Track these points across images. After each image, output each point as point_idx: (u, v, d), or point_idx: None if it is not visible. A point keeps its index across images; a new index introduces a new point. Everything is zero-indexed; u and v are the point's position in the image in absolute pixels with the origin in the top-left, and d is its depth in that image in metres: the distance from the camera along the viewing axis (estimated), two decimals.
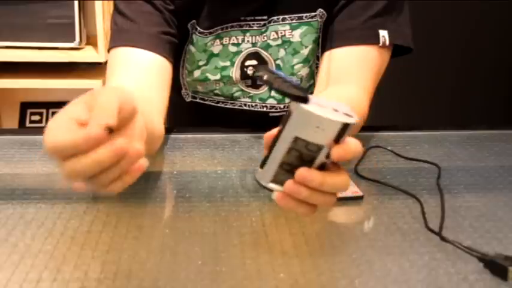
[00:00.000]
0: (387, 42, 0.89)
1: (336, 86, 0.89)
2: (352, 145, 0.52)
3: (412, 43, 0.93)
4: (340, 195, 0.74)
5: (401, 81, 2.34)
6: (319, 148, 0.53)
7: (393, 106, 2.32)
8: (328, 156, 0.53)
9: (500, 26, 2.46)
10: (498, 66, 2.52)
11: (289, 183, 0.53)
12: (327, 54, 0.92)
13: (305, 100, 0.52)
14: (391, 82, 1.34)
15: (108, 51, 0.91)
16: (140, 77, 0.84)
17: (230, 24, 0.93)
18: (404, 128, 1.00)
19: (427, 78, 2.50)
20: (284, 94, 0.52)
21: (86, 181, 0.50)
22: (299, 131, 0.52)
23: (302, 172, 0.52)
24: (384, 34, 0.89)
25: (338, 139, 0.52)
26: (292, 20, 0.93)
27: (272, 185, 0.55)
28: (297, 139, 0.53)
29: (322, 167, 0.54)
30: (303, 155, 0.53)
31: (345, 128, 0.52)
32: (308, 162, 0.53)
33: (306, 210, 0.55)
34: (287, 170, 0.54)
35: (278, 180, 0.55)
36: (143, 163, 0.50)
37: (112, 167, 0.49)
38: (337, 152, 0.52)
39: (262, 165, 0.55)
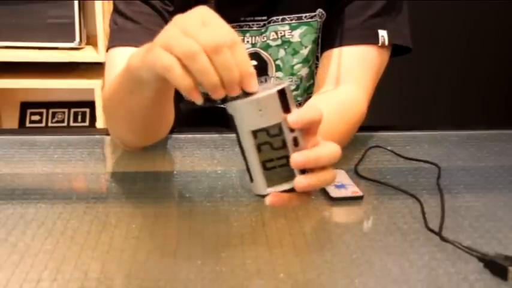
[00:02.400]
0: (386, 42, 0.89)
1: (336, 86, 0.89)
2: (304, 109, 0.53)
3: (411, 43, 0.93)
4: (340, 195, 0.74)
5: (401, 81, 2.33)
6: (279, 127, 0.52)
7: (393, 106, 2.32)
8: (292, 129, 0.52)
9: (500, 26, 2.46)
10: (498, 66, 2.52)
11: (298, 180, 0.52)
12: (326, 54, 0.92)
13: (235, 99, 0.52)
14: (391, 82, 1.34)
15: (107, 50, 0.91)
16: None
17: (230, 25, 0.93)
18: (404, 128, 1.00)
19: (427, 78, 2.50)
20: (212, 101, 0.53)
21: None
22: (250, 125, 0.52)
23: (296, 158, 0.52)
24: (383, 34, 0.89)
25: (287, 109, 0.52)
26: (291, 20, 0.93)
27: (271, 190, 0.53)
28: (254, 133, 0.52)
29: (297, 144, 0.53)
30: (273, 143, 0.52)
31: (283, 95, 0.52)
32: (282, 147, 0.52)
33: (299, 202, 0.54)
34: (272, 166, 0.53)
35: (273, 181, 0.53)
36: None
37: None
38: (291, 118, 0.52)
39: (250, 179, 0.55)
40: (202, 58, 0.51)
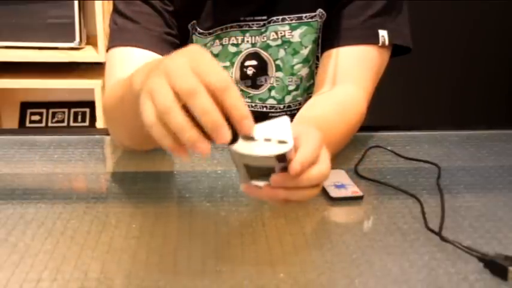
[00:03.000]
0: (387, 42, 0.89)
1: (336, 86, 0.89)
2: (305, 155, 0.55)
3: (411, 43, 0.93)
4: (340, 195, 0.74)
5: (401, 81, 2.33)
6: (271, 168, 0.55)
7: (393, 106, 2.32)
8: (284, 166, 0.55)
9: (500, 26, 2.45)
10: (498, 66, 2.52)
11: (265, 189, 0.57)
12: (326, 54, 0.92)
13: (233, 140, 0.53)
14: (391, 82, 1.34)
15: (107, 50, 0.91)
16: None
17: (230, 25, 0.93)
18: (404, 128, 1.00)
19: (427, 78, 2.50)
20: (210, 140, 0.53)
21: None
22: (243, 161, 0.55)
23: (277, 180, 0.55)
24: (383, 34, 0.89)
25: (281, 161, 0.54)
26: (291, 20, 0.93)
27: (256, 182, 0.57)
28: (247, 166, 0.55)
29: (285, 170, 0.55)
30: (262, 170, 0.55)
31: (282, 157, 0.53)
32: (270, 172, 0.55)
33: (272, 199, 0.59)
34: (257, 174, 0.57)
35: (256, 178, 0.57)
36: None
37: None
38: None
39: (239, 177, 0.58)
40: (175, 114, 0.49)
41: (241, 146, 0.53)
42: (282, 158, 0.54)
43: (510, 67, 2.53)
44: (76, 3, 1.90)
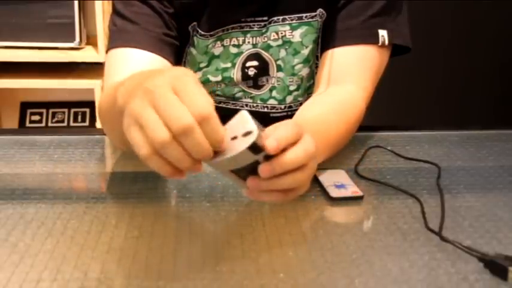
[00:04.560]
0: (386, 42, 0.89)
1: (335, 86, 0.89)
2: (280, 134, 0.55)
3: (411, 43, 0.93)
4: (340, 195, 0.74)
5: (401, 81, 2.33)
6: (255, 162, 0.55)
7: (393, 106, 2.32)
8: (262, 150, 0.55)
9: (500, 26, 2.45)
10: (498, 66, 2.51)
11: (249, 182, 0.57)
12: (326, 53, 0.92)
13: None
14: (391, 82, 1.34)
15: (106, 52, 0.91)
16: None
17: (231, 26, 0.93)
18: (404, 128, 1.00)
19: (427, 78, 2.50)
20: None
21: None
22: (224, 168, 0.56)
23: (263, 169, 0.55)
24: (383, 34, 0.89)
25: (259, 149, 0.54)
26: (292, 20, 0.93)
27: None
28: (232, 171, 0.56)
29: (268, 159, 0.55)
30: (247, 168, 0.55)
31: (253, 147, 0.53)
32: (255, 166, 0.55)
33: (272, 198, 0.58)
34: (248, 174, 0.57)
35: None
36: None
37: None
38: (272, 149, 0.54)
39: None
40: (173, 149, 0.51)
41: (216, 156, 0.54)
42: (257, 148, 0.53)
43: (510, 67, 2.52)
44: (76, 3, 1.90)
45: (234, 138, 0.54)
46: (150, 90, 0.51)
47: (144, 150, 0.52)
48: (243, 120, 0.55)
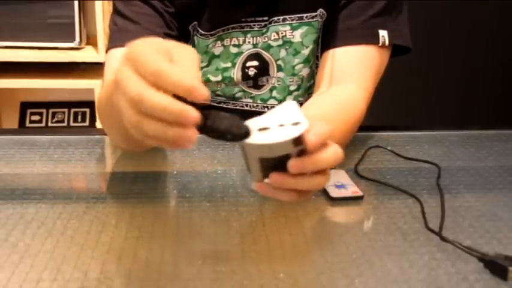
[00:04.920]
0: (387, 42, 0.89)
1: (336, 86, 0.89)
2: (319, 131, 0.53)
3: (411, 43, 0.93)
4: (340, 195, 0.74)
5: (402, 81, 2.33)
6: (287, 155, 0.53)
7: (393, 106, 2.32)
8: (302, 150, 0.53)
9: (500, 25, 2.45)
10: (498, 66, 2.52)
11: (272, 176, 0.54)
12: (326, 53, 0.92)
13: (246, 135, 0.52)
14: (391, 82, 1.34)
15: (106, 51, 0.91)
16: None
17: (231, 26, 0.93)
18: (404, 128, 1.00)
19: (427, 78, 2.50)
20: (224, 139, 0.51)
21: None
22: (259, 155, 0.53)
23: (294, 164, 0.53)
24: (383, 34, 0.89)
25: (299, 144, 0.52)
26: (292, 20, 0.93)
27: (266, 180, 0.56)
28: (261, 159, 0.53)
29: (300, 155, 0.54)
30: (277, 160, 0.53)
31: (298, 138, 0.52)
32: (286, 160, 0.53)
33: (286, 197, 0.56)
34: (271, 168, 0.54)
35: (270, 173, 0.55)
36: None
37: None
38: (312, 144, 0.52)
39: (248, 169, 0.56)
40: (151, 93, 0.48)
41: (257, 138, 0.52)
42: (299, 141, 0.52)
43: (510, 67, 2.53)
44: (76, 3, 1.90)
45: (281, 125, 0.52)
46: (128, 55, 0.51)
47: (127, 114, 0.49)
48: (292, 110, 0.54)
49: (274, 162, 0.54)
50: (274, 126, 0.53)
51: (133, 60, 0.50)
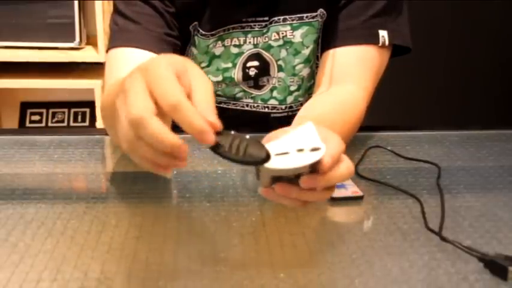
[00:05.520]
0: (387, 42, 0.89)
1: (336, 86, 0.89)
2: (334, 151, 0.55)
3: (411, 43, 0.93)
4: (340, 195, 0.74)
5: (401, 81, 2.33)
6: (300, 174, 0.54)
7: (393, 106, 2.32)
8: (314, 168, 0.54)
9: (500, 25, 2.45)
10: (498, 66, 2.52)
11: (279, 187, 0.55)
12: (326, 53, 0.92)
13: (266, 159, 0.52)
14: (391, 82, 1.34)
15: (107, 51, 0.91)
16: None
17: (232, 26, 0.93)
18: (404, 128, 1.00)
19: (427, 78, 2.50)
20: (244, 164, 0.52)
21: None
22: (273, 174, 0.54)
23: (306, 181, 0.54)
24: (383, 34, 0.89)
25: (315, 167, 0.53)
26: (293, 20, 0.93)
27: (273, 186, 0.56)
28: (275, 177, 0.54)
29: (312, 172, 0.54)
30: (289, 177, 0.54)
31: (315, 164, 0.52)
32: (297, 178, 0.54)
33: (292, 204, 0.57)
34: (281, 179, 0.56)
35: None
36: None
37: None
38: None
39: (257, 176, 0.57)
40: (139, 147, 0.49)
41: (275, 163, 0.52)
42: (315, 165, 0.53)
43: (510, 67, 2.53)
44: (76, 3, 1.90)
45: (300, 150, 0.53)
46: (146, 68, 0.50)
47: (125, 131, 0.50)
48: (310, 133, 0.55)
49: (286, 178, 0.55)
50: (292, 151, 0.54)
51: (150, 76, 0.49)
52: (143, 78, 0.50)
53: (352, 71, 0.89)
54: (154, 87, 0.49)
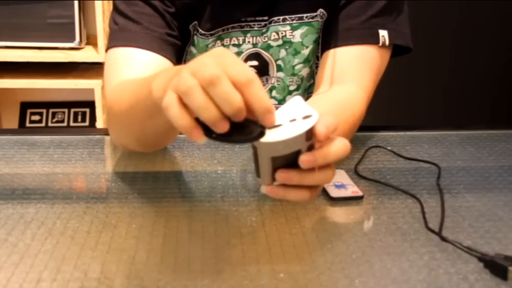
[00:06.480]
0: (387, 42, 0.89)
1: (336, 86, 0.89)
2: (328, 122, 0.54)
3: (411, 43, 0.93)
4: (340, 195, 0.74)
5: (401, 81, 2.34)
6: (298, 151, 0.54)
7: (393, 106, 2.32)
8: (311, 146, 0.54)
9: (501, 25, 2.45)
10: (498, 66, 2.52)
11: (280, 174, 0.55)
12: (326, 53, 0.92)
13: (261, 135, 0.52)
14: (391, 82, 1.34)
15: (106, 50, 0.91)
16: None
17: (231, 25, 0.93)
18: (404, 128, 1.00)
19: (427, 79, 2.50)
20: (240, 142, 0.52)
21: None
22: (272, 154, 0.53)
23: (305, 159, 0.54)
24: (383, 34, 0.89)
25: (310, 138, 0.53)
26: (292, 20, 0.93)
27: (275, 183, 0.56)
28: (273, 158, 0.54)
29: (310, 149, 0.54)
30: (288, 157, 0.54)
31: (309, 131, 0.52)
32: (296, 157, 0.54)
33: (298, 196, 0.56)
34: (282, 168, 0.55)
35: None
36: None
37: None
38: (321, 134, 0.54)
39: (257, 174, 0.56)
40: (197, 94, 0.50)
41: (271, 137, 0.52)
42: (311, 135, 0.53)
43: (510, 67, 2.53)
44: (76, 3, 1.90)
45: (293, 120, 0.53)
46: (194, 66, 0.52)
47: (167, 98, 0.51)
48: (299, 104, 0.55)
49: (285, 162, 0.54)
50: (285, 122, 0.53)
51: (222, 57, 0.52)
52: (212, 57, 0.51)
53: (353, 71, 0.89)
54: (230, 68, 0.50)
